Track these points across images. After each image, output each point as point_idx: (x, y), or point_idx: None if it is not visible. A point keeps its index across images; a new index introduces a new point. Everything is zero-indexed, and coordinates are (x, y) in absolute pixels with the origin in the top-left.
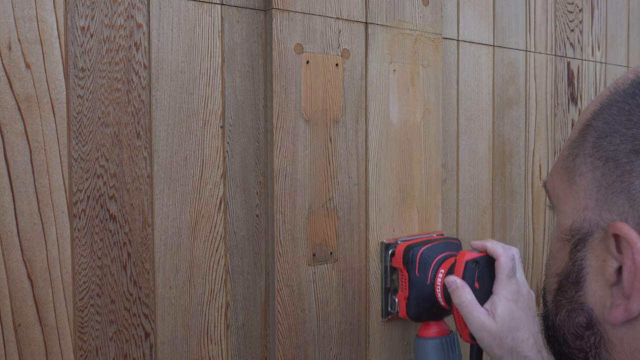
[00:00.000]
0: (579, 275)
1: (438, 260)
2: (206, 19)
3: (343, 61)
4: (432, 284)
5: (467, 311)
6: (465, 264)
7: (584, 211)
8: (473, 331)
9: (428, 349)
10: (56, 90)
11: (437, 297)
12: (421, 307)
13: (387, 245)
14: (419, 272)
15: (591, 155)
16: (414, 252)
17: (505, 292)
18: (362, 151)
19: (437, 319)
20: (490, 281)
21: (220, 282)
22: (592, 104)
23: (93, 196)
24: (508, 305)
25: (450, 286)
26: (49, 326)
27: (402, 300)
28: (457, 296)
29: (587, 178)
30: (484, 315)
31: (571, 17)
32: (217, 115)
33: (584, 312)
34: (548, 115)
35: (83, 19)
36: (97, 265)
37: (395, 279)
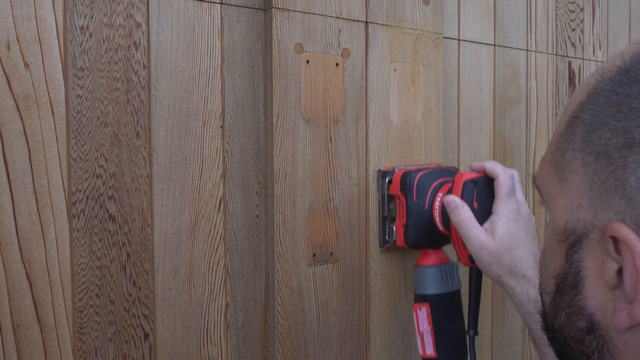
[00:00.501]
0: (576, 278)
1: (436, 185)
2: (206, 18)
3: (343, 60)
4: (430, 208)
5: (465, 229)
6: (464, 184)
7: (578, 210)
8: (471, 250)
9: (427, 277)
10: (55, 90)
11: (435, 221)
12: (419, 234)
13: (384, 173)
14: (417, 197)
15: (581, 150)
16: (412, 178)
17: (504, 211)
18: (363, 151)
19: (436, 246)
20: (489, 201)
21: (220, 283)
22: (578, 94)
23: (92, 196)
24: (507, 224)
25: (449, 205)
26: (47, 327)
27: (400, 228)
28: (456, 215)
29: (579, 175)
30: (483, 234)
31: (572, 16)
32: (217, 115)
33: (585, 317)
34: (549, 115)
35: (82, 18)
36: (96, 265)
37: (393, 208)
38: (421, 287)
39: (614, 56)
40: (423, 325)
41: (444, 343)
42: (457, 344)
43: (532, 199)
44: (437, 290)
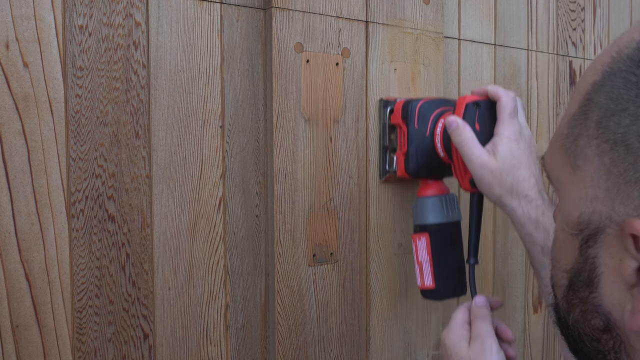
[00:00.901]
0: (592, 274)
1: (438, 112)
2: (205, 18)
3: (343, 60)
4: (432, 135)
5: (467, 149)
6: (466, 106)
7: (593, 202)
8: (473, 170)
9: (427, 206)
10: (54, 90)
11: (436, 148)
12: (420, 162)
13: (386, 102)
14: (418, 125)
15: (596, 137)
16: (413, 106)
17: (506, 132)
18: (363, 151)
19: (437, 177)
20: (491, 124)
21: (220, 283)
22: (591, 72)
23: (91, 196)
24: (509, 145)
25: (450, 125)
26: (47, 327)
27: (401, 156)
28: (457, 134)
29: (594, 164)
30: (484, 154)
31: (573, 15)
32: (217, 114)
33: (600, 315)
34: (550, 115)
35: (81, 18)
36: (95, 266)
37: (394, 139)
38: (421, 217)
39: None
40: (422, 255)
41: (443, 273)
42: (456, 275)
43: None
44: (436, 220)
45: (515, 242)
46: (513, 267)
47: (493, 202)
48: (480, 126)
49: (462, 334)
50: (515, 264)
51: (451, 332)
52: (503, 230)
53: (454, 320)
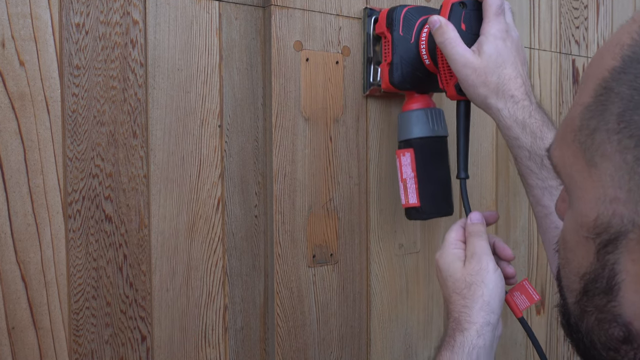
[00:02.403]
0: (611, 282)
1: (423, 19)
2: (203, 16)
3: (343, 59)
4: (417, 42)
5: (450, 48)
6: (451, 5)
7: (613, 203)
8: (456, 70)
9: (412, 120)
10: (51, 89)
11: (421, 55)
12: (405, 71)
13: (371, 11)
14: (403, 31)
15: (617, 132)
16: (398, 11)
17: (493, 29)
18: (363, 150)
19: (422, 91)
20: (477, 24)
21: (219, 284)
22: (608, 55)
23: (88, 196)
24: (495, 43)
25: (433, 25)
26: (43, 329)
27: (385, 68)
28: (440, 34)
29: (614, 161)
30: (468, 52)
31: (576, 13)
32: (215, 114)
33: (620, 325)
34: (553, 114)
35: (78, 16)
36: (92, 267)
37: (378, 51)
38: (405, 131)
39: None
40: (406, 172)
41: (429, 191)
42: (442, 192)
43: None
44: (422, 133)
45: (517, 242)
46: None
47: (478, 104)
48: (467, 26)
49: (456, 254)
50: (518, 265)
51: (445, 252)
52: (505, 230)
53: (447, 240)
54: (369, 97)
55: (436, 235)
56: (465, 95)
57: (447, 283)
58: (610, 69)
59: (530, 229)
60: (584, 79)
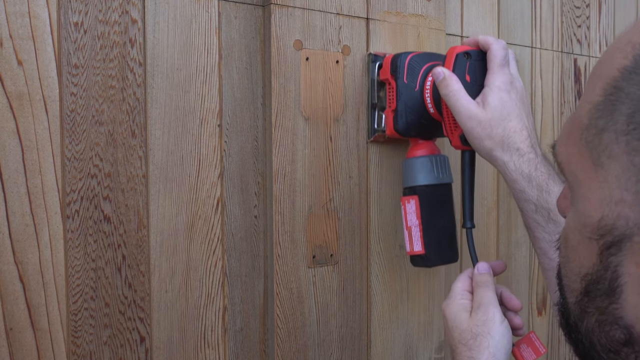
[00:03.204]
0: (613, 284)
1: (428, 66)
2: (203, 15)
3: (344, 58)
4: (421, 90)
5: (454, 101)
6: (456, 56)
7: (618, 205)
8: (461, 122)
9: (416, 167)
10: (49, 88)
11: (426, 104)
12: (409, 119)
13: (375, 56)
14: (407, 79)
15: (626, 133)
16: (402, 59)
17: (497, 82)
18: (364, 150)
19: (427, 137)
20: (482, 76)
21: (218, 285)
22: (619, 54)
23: (87, 197)
24: (499, 95)
25: (437, 77)
26: (41, 330)
27: (390, 114)
28: (444, 86)
29: (621, 162)
30: (473, 105)
31: (578, 12)
32: (215, 113)
33: (621, 328)
34: (554, 114)
35: (76, 15)
36: (91, 267)
37: (383, 97)
38: (410, 178)
39: None
40: (411, 220)
41: (433, 238)
42: (447, 240)
43: None
44: (426, 181)
45: (519, 243)
46: (517, 268)
47: (484, 156)
48: (471, 77)
49: (462, 304)
50: (519, 265)
51: (451, 302)
52: (506, 231)
53: (454, 290)
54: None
55: None
56: (470, 146)
57: (453, 334)
58: (621, 68)
59: None
60: (592, 76)
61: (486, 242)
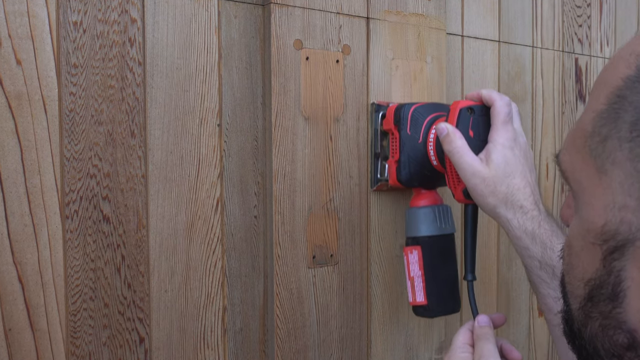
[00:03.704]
0: (616, 288)
1: (431, 118)
2: (202, 14)
3: (344, 57)
4: (425, 142)
5: (457, 157)
6: (459, 111)
7: (622, 211)
8: (465, 179)
9: (419, 217)
10: (48, 88)
11: (429, 156)
12: (412, 170)
13: (378, 106)
14: (411, 130)
15: (629, 140)
16: (406, 110)
17: (501, 138)
18: (364, 150)
19: (430, 187)
20: (485, 131)
21: (218, 286)
22: (622, 64)
23: (86, 197)
24: (503, 152)
25: (441, 133)
26: (40, 331)
27: (393, 164)
28: (448, 142)
29: (625, 169)
30: (477, 161)
31: (579, 12)
32: (214, 113)
33: (625, 332)
34: (555, 114)
35: (75, 14)
36: (90, 268)
37: (386, 146)
38: (413, 229)
39: None
40: (414, 270)
41: (436, 289)
42: (449, 290)
43: None
44: (429, 232)
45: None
46: (518, 269)
47: (487, 213)
48: (475, 133)
49: (463, 358)
50: (520, 267)
51: (452, 355)
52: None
53: (455, 343)
54: (369, 94)
55: None
56: (473, 200)
57: None
58: (624, 77)
59: None
60: (596, 86)
61: (487, 242)
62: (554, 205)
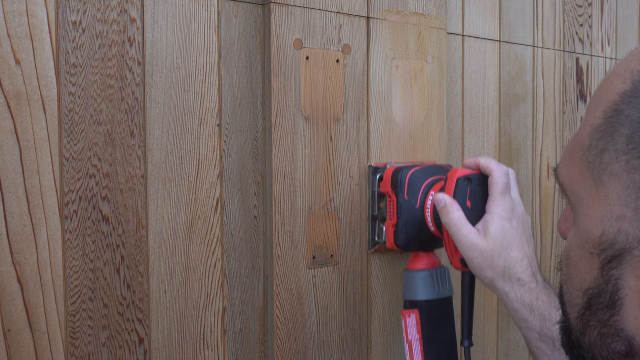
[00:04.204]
0: (613, 296)
1: (429, 182)
2: (202, 13)
3: (344, 57)
4: (422, 207)
5: (455, 229)
6: (457, 181)
7: (619, 221)
8: (462, 251)
9: (417, 281)
10: (47, 87)
11: (426, 221)
12: (410, 234)
13: (375, 169)
14: (408, 195)
15: (625, 152)
16: (403, 174)
17: (498, 209)
18: (364, 150)
19: (427, 249)
20: (483, 200)
21: (217, 286)
22: (618, 80)
23: (85, 197)
24: (501, 223)
25: (438, 204)
26: (39, 331)
27: (390, 228)
28: (445, 214)
29: (621, 180)
30: (474, 234)
31: (580, 11)
32: (214, 113)
33: (622, 339)
34: (556, 113)
35: (75, 14)
36: (89, 268)
37: (383, 207)
38: (411, 292)
39: None
40: (412, 334)
41: (434, 353)
42: (447, 354)
43: (537, 201)
44: (427, 296)
45: None
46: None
47: (485, 284)
48: (472, 203)
49: None
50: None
51: None
52: None
53: None
54: (369, 93)
55: None
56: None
57: None
58: (620, 92)
59: (534, 230)
60: (592, 102)
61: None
62: (554, 206)
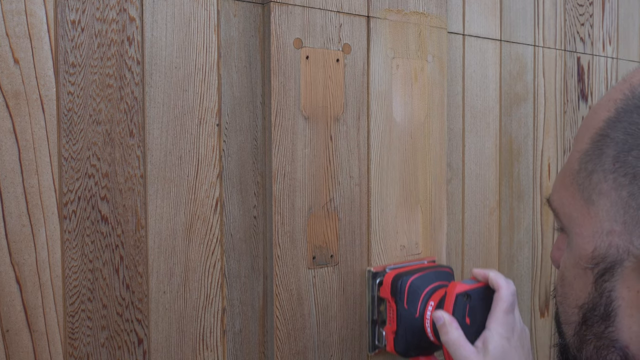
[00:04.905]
0: (608, 308)
1: (428, 291)
2: (202, 13)
3: (344, 56)
4: (422, 317)
5: (454, 349)
6: (456, 297)
7: (609, 236)
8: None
9: None
10: (46, 87)
11: (426, 331)
12: (410, 342)
13: (375, 274)
14: (408, 305)
15: (612, 171)
16: (403, 282)
17: (500, 328)
18: (364, 150)
19: (427, 354)
20: (483, 315)
21: (217, 287)
22: (603, 109)
23: (84, 197)
24: (501, 342)
25: (438, 321)
26: (38, 332)
27: (390, 334)
28: (444, 333)
29: (610, 198)
30: (473, 354)
31: (581, 10)
32: (213, 112)
33: (617, 350)
34: (557, 113)
35: (74, 13)
36: (88, 268)
37: (383, 311)
38: None
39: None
40: None
41: None
42: None
43: (538, 201)
44: None
45: (521, 244)
46: (519, 270)
47: None
48: (471, 320)
49: None
50: (522, 267)
51: None
52: (508, 232)
53: None
54: (369, 93)
55: (439, 236)
56: None
57: None
58: (605, 119)
59: (535, 230)
60: (580, 131)
61: (488, 243)
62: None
